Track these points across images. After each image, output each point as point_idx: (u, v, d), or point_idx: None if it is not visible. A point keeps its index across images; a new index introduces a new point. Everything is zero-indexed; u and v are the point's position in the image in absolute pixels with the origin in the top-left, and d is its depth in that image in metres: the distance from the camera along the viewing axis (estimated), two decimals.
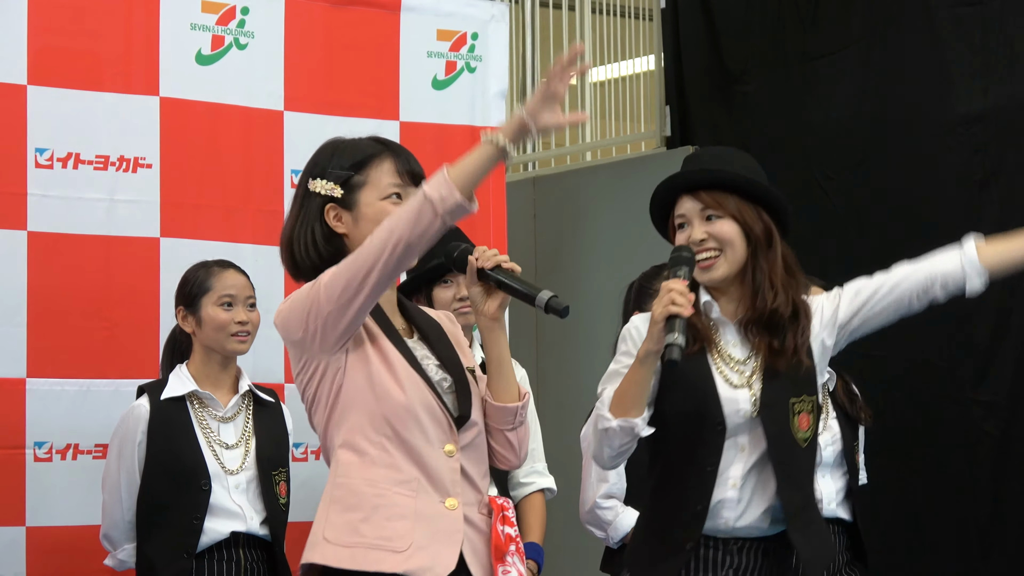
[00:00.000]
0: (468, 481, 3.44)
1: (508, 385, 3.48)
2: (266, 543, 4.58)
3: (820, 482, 5.03)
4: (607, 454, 3.56)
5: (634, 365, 3.50)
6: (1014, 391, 5.64)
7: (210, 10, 5.41)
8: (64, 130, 5.14)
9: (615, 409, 3.51)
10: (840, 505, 5.03)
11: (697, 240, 3.63)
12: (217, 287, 4.62)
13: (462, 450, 3.42)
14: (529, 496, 4.85)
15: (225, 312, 4.60)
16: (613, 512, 4.82)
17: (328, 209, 3.44)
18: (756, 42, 6.70)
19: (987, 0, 5.78)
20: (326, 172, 3.46)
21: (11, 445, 4.99)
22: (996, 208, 5.72)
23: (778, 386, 3.64)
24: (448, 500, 3.37)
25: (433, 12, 5.86)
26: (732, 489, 3.62)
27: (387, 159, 3.46)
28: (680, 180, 3.70)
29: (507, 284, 3.38)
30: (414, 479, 3.35)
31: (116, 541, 4.60)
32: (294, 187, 5.41)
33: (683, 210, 3.68)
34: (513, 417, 3.48)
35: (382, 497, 3.34)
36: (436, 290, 4.65)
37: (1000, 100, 5.74)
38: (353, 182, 3.44)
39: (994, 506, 5.68)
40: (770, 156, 6.57)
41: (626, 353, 3.63)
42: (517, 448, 3.53)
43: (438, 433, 3.38)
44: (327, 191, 3.44)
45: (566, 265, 7.32)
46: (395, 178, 3.44)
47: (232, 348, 4.62)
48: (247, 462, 4.58)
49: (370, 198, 3.43)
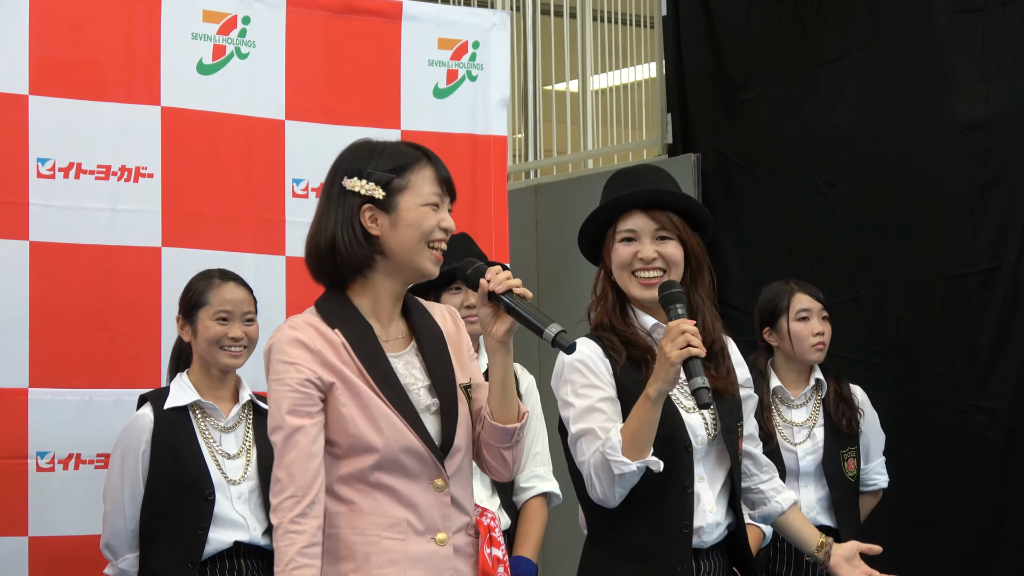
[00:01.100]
0: (457, 507, 3.41)
1: (509, 406, 3.43)
2: (267, 553, 4.57)
3: (801, 491, 5.07)
4: (618, 495, 3.55)
5: (647, 405, 3.48)
6: (1016, 398, 5.65)
7: (211, 19, 5.41)
8: (66, 140, 5.14)
9: (629, 452, 3.49)
10: (822, 513, 5.07)
11: (648, 258, 3.67)
12: (214, 301, 4.62)
13: (451, 478, 3.38)
14: (529, 501, 4.85)
15: (220, 326, 4.60)
16: None
17: (365, 210, 3.38)
18: (758, 49, 6.70)
19: (988, 7, 5.78)
20: (364, 172, 3.40)
21: (13, 455, 4.98)
22: (997, 214, 5.73)
23: (725, 410, 3.69)
24: (439, 535, 3.35)
25: (434, 21, 5.85)
26: (710, 514, 3.66)
27: (427, 166, 3.41)
28: (646, 196, 3.71)
29: (516, 311, 3.34)
30: (402, 521, 3.33)
31: (117, 551, 4.60)
32: (296, 196, 5.49)
33: (633, 225, 3.70)
34: (511, 437, 3.43)
35: (371, 544, 3.31)
36: (445, 295, 4.65)
37: (1001, 106, 5.74)
38: (394, 185, 3.38)
39: (996, 512, 5.68)
40: (772, 163, 6.60)
41: (589, 386, 3.62)
42: (511, 465, 3.49)
43: (424, 470, 3.35)
44: (367, 191, 3.38)
45: (568, 272, 7.32)
46: (435, 186, 3.40)
47: (224, 362, 4.61)
48: (249, 472, 4.58)
49: (411, 203, 3.37)
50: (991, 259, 5.73)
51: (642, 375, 3.59)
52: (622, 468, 3.50)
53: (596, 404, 3.60)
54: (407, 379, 3.40)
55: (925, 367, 5.84)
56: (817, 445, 5.10)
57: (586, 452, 3.58)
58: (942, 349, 5.83)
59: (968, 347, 5.78)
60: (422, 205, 3.37)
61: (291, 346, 3.34)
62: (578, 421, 3.61)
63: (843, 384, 5.24)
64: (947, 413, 5.75)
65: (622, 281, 3.72)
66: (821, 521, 5.07)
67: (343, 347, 3.35)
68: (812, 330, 5.14)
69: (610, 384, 3.64)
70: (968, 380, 5.77)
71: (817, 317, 5.17)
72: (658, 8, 7.23)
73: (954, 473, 5.67)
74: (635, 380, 3.60)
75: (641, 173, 3.84)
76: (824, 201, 6.30)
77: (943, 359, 5.81)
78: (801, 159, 6.42)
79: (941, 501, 5.47)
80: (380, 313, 3.43)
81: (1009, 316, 5.67)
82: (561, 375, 3.69)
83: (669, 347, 3.44)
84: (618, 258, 3.71)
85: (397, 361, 3.41)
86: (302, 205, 5.48)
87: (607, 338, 3.69)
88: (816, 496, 5.11)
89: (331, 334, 3.36)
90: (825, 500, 5.11)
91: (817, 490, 5.12)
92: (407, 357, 3.44)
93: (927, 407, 5.85)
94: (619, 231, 3.72)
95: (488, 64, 5.91)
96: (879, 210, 6.14)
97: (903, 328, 5.99)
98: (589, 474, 3.56)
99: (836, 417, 5.15)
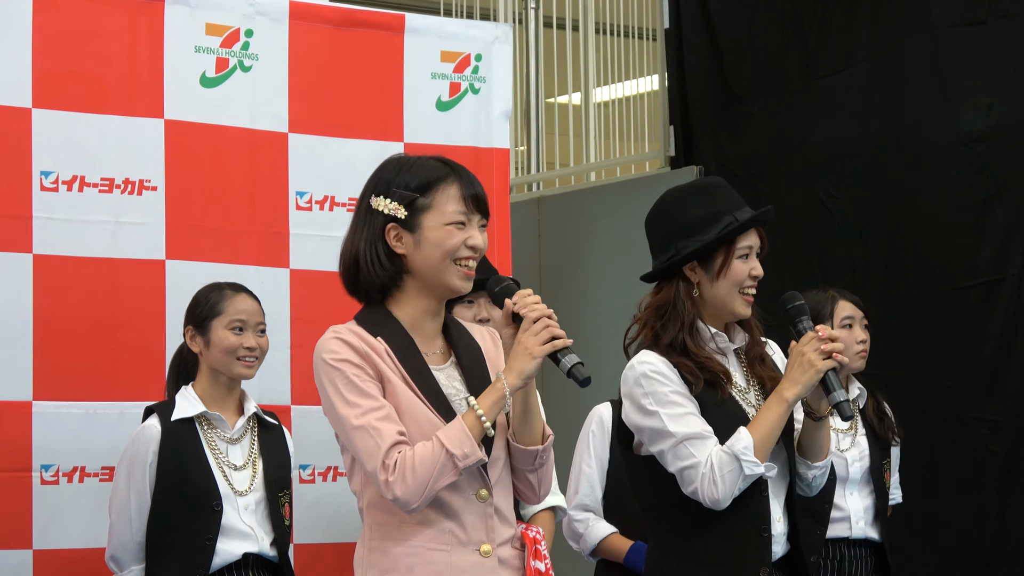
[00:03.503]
0: (501, 519, 3.40)
1: (532, 428, 3.40)
2: (274, 564, 4.58)
3: (848, 499, 5.02)
4: (735, 495, 3.58)
5: (782, 408, 3.56)
6: (1019, 411, 5.64)
7: (214, 32, 5.41)
8: (69, 153, 5.14)
9: (761, 455, 3.56)
10: (869, 525, 5.02)
11: (759, 275, 3.73)
12: (229, 311, 4.63)
13: (494, 488, 3.38)
14: (536, 516, 4.85)
15: (235, 336, 4.61)
16: (584, 524, 4.96)
17: (389, 229, 3.38)
18: (760, 62, 6.71)
19: (990, 19, 5.78)
20: (390, 191, 3.39)
21: (17, 468, 4.97)
22: (1000, 226, 5.73)
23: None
24: (483, 547, 3.34)
25: (437, 33, 5.86)
26: (779, 523, 3.69)
27: (453, 184, 3.39)
28: (769, 216, 3.77)
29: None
30: (447, 532, 3.32)
31: (123, 563, 4.60)
32: (299, 209, 5.50)
33: (751, 243, 3.74)
34: (534, 459, 3.41)
35: (416, 556, 3.31)
36: (457, 307, 4.63)
37: (1004, 119, 5.74)
38: (418, 204, 3.37)
39: (1000, 525, 5.68)
40: (774, 175, 6.60)
41: (677, 393, 3.64)
42: (537, 487, 3.47)
43: (469, 480, 3.34)
44: (391, 211, 3.37)
45: (571, 284, 7.32)
46: (460, 204, 3.37)
47: (238, 372, 4.63)
48: (255, 483, 4.58)
49: (434, 222, 3.36)
50: (994, 271, 5.73)
51: (718, 397, 3.64)
52: (753, 469, 3.54)
53: (691, 410, 3.63)
54: (448, 390, 3.40)
55: (927, 379, 5.84)
56: (863, 452, 5.04)
57: (698, 454, 3.58)
58: (944, 361, 5.83)
59: (971, 360, 5.78)
60: (446, 224, 3.36)
61: (338, 345, 3.35)
62: (677, 425, 3.61)
63: (879, 398, 5.21)
64: (949, 425, 5.75)
65: (729, 297, 3.72)
66: (868, 534, 5.01)
67: (387, 354, 3.35)
68: (856, 338, 5.05)
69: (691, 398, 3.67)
70: (971, 393, 5.77)
71: (859, 325, 5.13)
72: (660, 20, 7.24)
73: (956, 486, 5.66)
74: (715, 403, 3.64)
75: (724, 187, 3.85)
76: (826, 213, 6.30)
77: (945, 371, 5.81)
78: (803, 171, 6.42)
79: (943, 514, 5.47)
80: (419, 327, 3.43)
81: (1012, 328, 5.67)
82: (639, 385, 3.68)
83: (814, 356, 3.52)
84: (736, 275, 3.71)
85: (439, 373, 3.42)
86: (306, 218, 5.48)
87: (683, 364, 3.68)
88: (863, 505, 5.03)
89: (375, 342, 3.36)
90: (871, 510, 5.04)
91: (863, 498, 5.04)
92: (448, 370, 3.45)
93: (929, 419, 5.84)
94: (739, 248, 3.73)
95: (491, 77, 5.92)
96: (881, 222, 6.14)
97: (905, 340, 5.99)
98: (706, 474, 3.55)
99: (882, 431, 5.11)
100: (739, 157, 6.75)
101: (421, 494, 3.24)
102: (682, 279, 3.75)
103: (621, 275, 6.92)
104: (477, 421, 3.28)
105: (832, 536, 4.95)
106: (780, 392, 3.58)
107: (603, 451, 4.98)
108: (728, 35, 6.86)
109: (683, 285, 3.75)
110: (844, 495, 5.01)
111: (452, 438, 3.25)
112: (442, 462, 3.23)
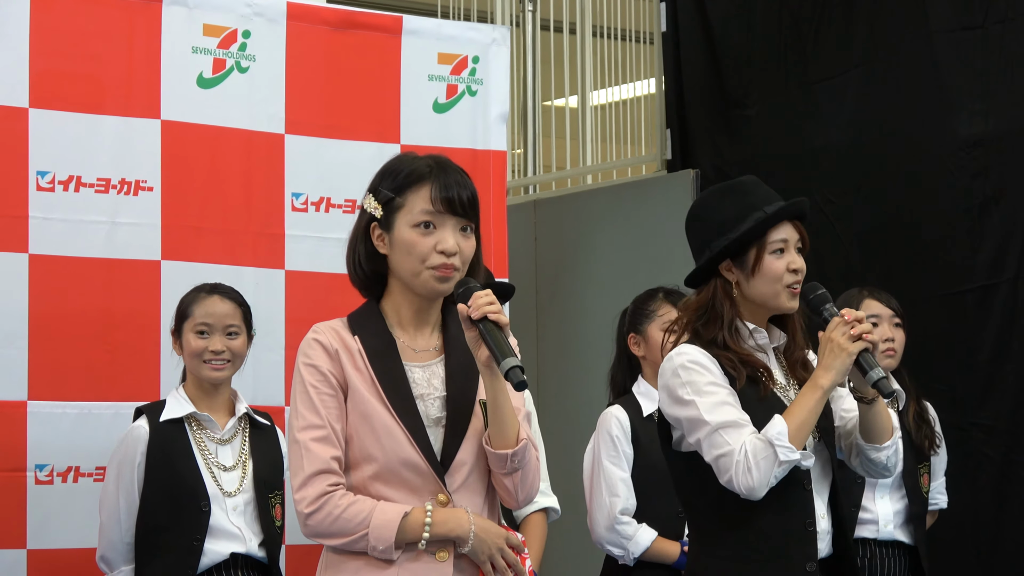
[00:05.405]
0: None
1: (502, 431, 3.33)
2: (263, 565, 4.58)
3: (878, 502, 5.00)
4: (771, 484, 3.53)
5: (818, 395, 3.53)
6: (1014, 415, 5.65)
7: (212, 33, 5.42)
8: (65, 153, 5.14)
9: (796, 442, 3.51)
10: (899, 528, 5.00)
11: (801, 269, 3.68)
12: (196, 314, 4.63)
13: (455, 494, 3.33)
14: (529, 516, 4.83)
15: (200, 340, 4.60)
16: (632, 528, 4.80)
17: (373, 228, 3.39)
18: (757, 66, 6.71)
19: (987, 24, 5.79)
20: (376, 189, 3.40)
21: (12, 468, 4.98)
22: (996, 231, 5.73)
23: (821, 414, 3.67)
24: (439, 553, 3.30)
25: (434, 36, 5.86)
26: (823, 520, 3.66)
27: (426, 184, 3.35)
28: (804, 206, 3.73)
29: (484, 338, 3.27)
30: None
31: (113, 563, 4.59)
32: (295, 210, 5.50)
33: (785, 235, 3.69)
34: (504, 463, 3.34)
35: (363, 556, 3.29)
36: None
37: (1000, 124, 5.75)
38: (394, 204, 3.36)
39: (994, 529, 5.68)
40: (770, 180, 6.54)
41: (714, 383, 3.60)
42: (514, 492, 3.39)
43: (425, 484, 3.31)
44: (371, 209, 3.38)
45: (567, 287, 7.32)
46: (428, 205, 3.33)
47: (207, 376, 4.61)
48: (244, 484, 4.58)
49: (403, 222, 3.35)
50: (989, 276, 5.73)
51: (761, 393, 3.61)
52: (789, 455, 3.49)
53: (727, 399, 3.59)
54: (425, 389, 3.38)
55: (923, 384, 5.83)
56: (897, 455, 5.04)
57: (732, 442, 3.53)
58: (940, 366, 5.83)
59: (966, 364, 5.78)
60: (412, 226, 3.34)
61: (311, 347, 3.38)
62: (712, 414, 3.57)
63: (922, 403, 5.20)
64: (945, 430, 5.74)
65: (771, 293, 3.67)
66: (898, 537, 4.99)
67: (359, 354, 3.35)
68: (882, 336, 5.04)
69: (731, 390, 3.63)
70: (966, 397, 5.77)
71: (888, 323, 5.08)
72: (658, 24, 7.24)
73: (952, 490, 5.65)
74: (757, 399, 3.61)
75: (756, 183, 3.84)
76: (822, 218, 6.30)
77: (941, 376, 5.81)
78: (800, 176, 6.41)
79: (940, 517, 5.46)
80: (405, 324, 3.42)
81: (1007, 333, 5.68)
82: (676, 375, 3.65)
83: (843, 340, 3.52)
84: (770, 271, 3.66)
85: (420, 371, 3.40)
86: (301, 219, 5.48)
87: (725, 357, 3.65)
88: (893, 509, 5.01)
89: (350, 341, 3.37)
90: (903, 514, 5.01)
91: (894, 502, 5.02)
92: (433, 368, 3.42)
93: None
94: (772, 242, 3.68)
95: (488, 79, 5.92)
96: (877, 227, 6.14)
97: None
98: (740, 461, 3.50)
99: (918, 438, 5.09)
100: (735, 161, 6.75)
101: (331, 539, 3.32)
102: (720, 278, 3.72)
103: (617, 278, 6.93)
104: (419, 523, 3.28)
105: (859, 536, 4.94)
106: (815, 379, 3.55)
107: (630, 452, 4.88)
108: (725, 39, 6.86)
109: (721, 284, 3.71)
110: (874, 498, 4.99)
111: (380, 524, 3.27)
112: (359, 535, 3.27)
